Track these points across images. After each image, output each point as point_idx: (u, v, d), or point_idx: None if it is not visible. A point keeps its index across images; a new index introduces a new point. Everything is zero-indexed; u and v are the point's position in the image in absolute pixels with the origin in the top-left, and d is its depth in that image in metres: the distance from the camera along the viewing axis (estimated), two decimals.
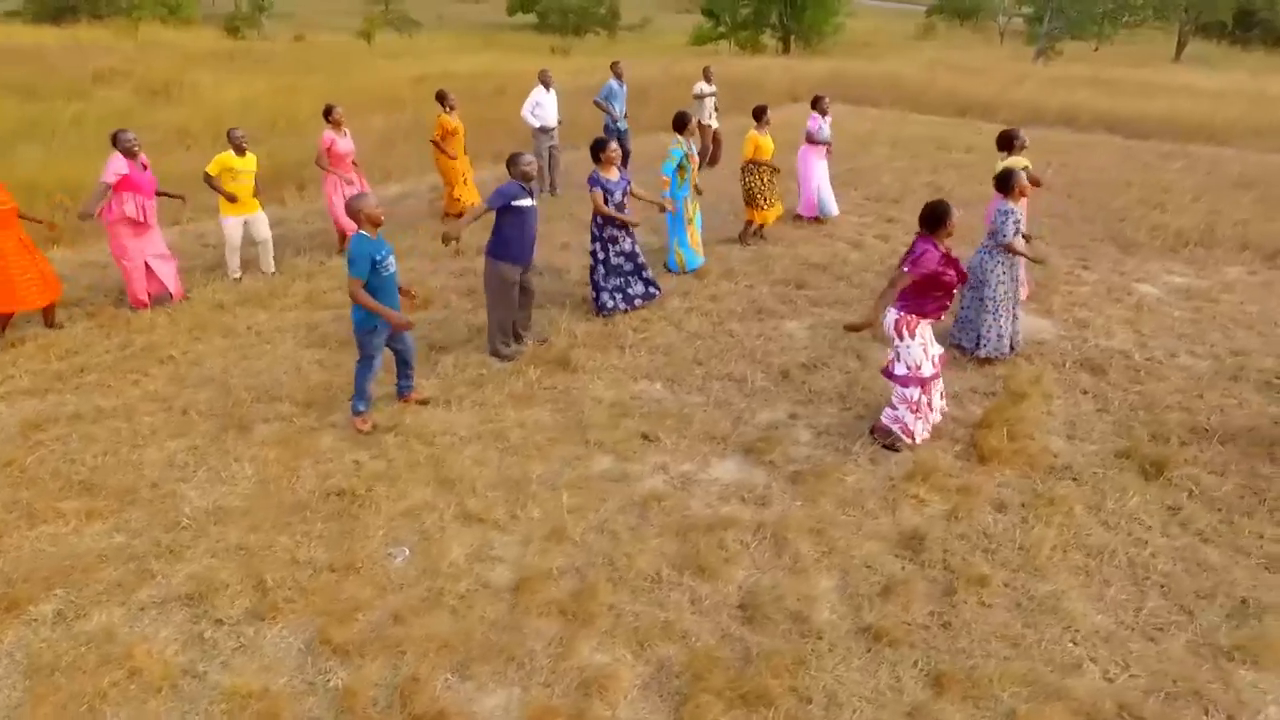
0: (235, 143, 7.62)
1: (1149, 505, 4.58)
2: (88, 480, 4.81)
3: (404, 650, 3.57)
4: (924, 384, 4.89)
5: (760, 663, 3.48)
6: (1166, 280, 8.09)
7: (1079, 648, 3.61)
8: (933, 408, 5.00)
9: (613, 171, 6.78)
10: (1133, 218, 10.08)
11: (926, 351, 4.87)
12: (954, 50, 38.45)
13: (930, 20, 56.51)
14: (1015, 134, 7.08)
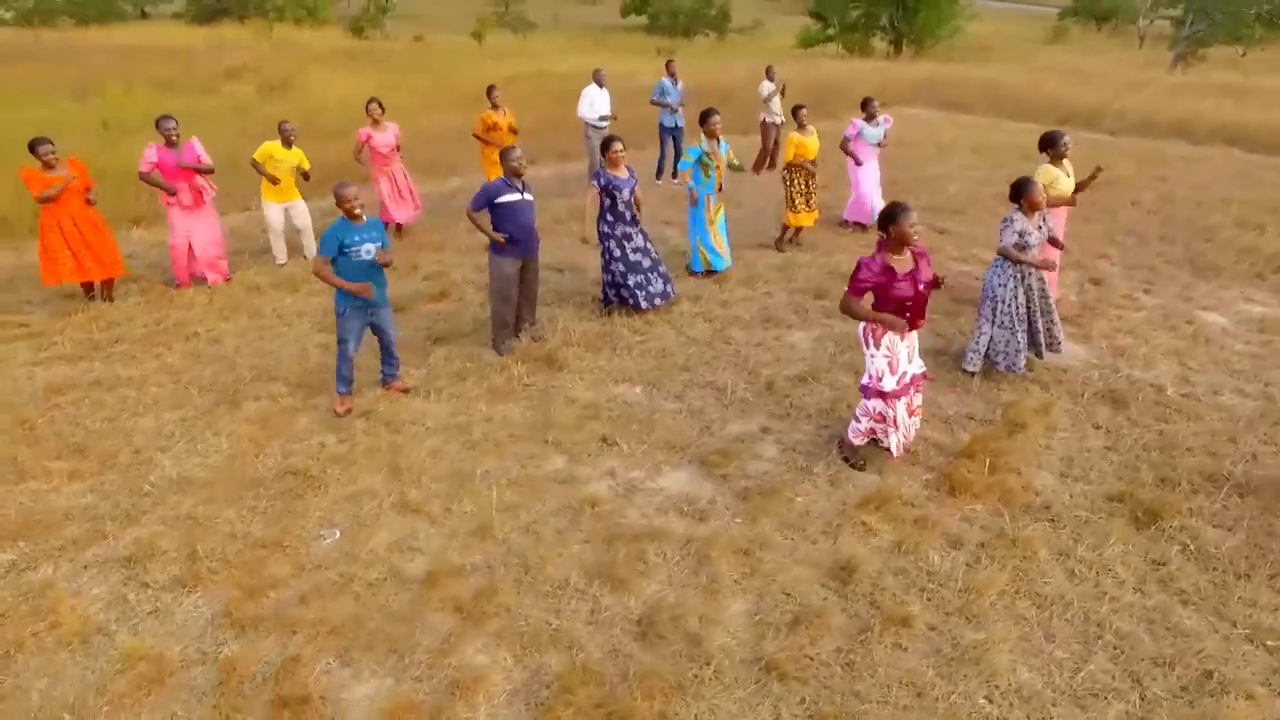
0: (284, 135, 8.04)
1: (1129, 556, 4.12)
2: (81, 443, 5.17)
3: (296, 631, 3.65)
4: (884, 398, 4.58)
5: (635, 682, 3.34)
6: (1241, 309, 7.29)
7: (992, 705, 3.28)
8: (898, 425, 4.67)
9: (621, 170, 6.72)
10: (1221, 239, 9.14)
11: (893, 366, 4.56)
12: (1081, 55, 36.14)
13: (1063, 24, 53.31)
14: (1058, 136, 6.54)
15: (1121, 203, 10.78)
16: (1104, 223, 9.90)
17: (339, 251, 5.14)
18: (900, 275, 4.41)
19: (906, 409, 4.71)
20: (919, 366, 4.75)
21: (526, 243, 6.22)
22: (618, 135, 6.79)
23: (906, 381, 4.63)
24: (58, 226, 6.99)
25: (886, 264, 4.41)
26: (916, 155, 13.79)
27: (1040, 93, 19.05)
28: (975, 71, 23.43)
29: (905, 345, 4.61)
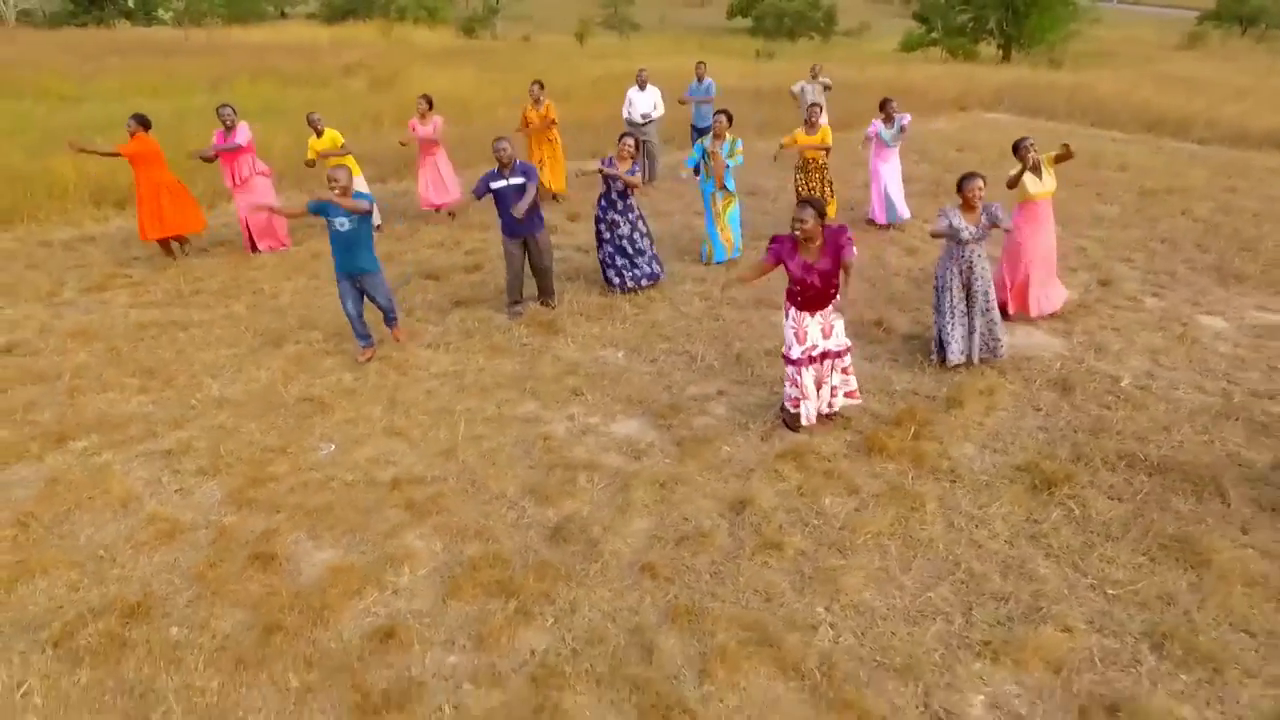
0: (312, 125, 9.12)
1: (1012, 515, 4.48)
2: (152, 367, 6.30)
3: (280, 511, 4.53)
4: (792, 364, 5.07)
5: (532, 570, 4.03)
6: (1250, 316, 7.23)
7: (827, 614, 3.79)
8: (807, 394, 5.14)
9: (625, 165, 7.37)
10: (1262, 250, 8.92)
11: (799, 337, 5.05)
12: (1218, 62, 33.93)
13: (1201, 28, 50.05)
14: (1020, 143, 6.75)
15: (1172, 211, 10.58)
16: (1142, 229, 9.81)
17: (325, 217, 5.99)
18: (801, 261, 4.90)
19: (815, 381, 5.17)
20: (837, 345, 5.19)
21: (516, 223, 6.91)
22: (629, 132, 7.45)
23: (815, 355, 5.10)
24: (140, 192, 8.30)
25: (795, 247, 4.91)
26: (972, 159, 13.78)
27: (1129, 100, 18.39)
28: (1065, 77, 22.72)
29: (816, 322, 5.08)
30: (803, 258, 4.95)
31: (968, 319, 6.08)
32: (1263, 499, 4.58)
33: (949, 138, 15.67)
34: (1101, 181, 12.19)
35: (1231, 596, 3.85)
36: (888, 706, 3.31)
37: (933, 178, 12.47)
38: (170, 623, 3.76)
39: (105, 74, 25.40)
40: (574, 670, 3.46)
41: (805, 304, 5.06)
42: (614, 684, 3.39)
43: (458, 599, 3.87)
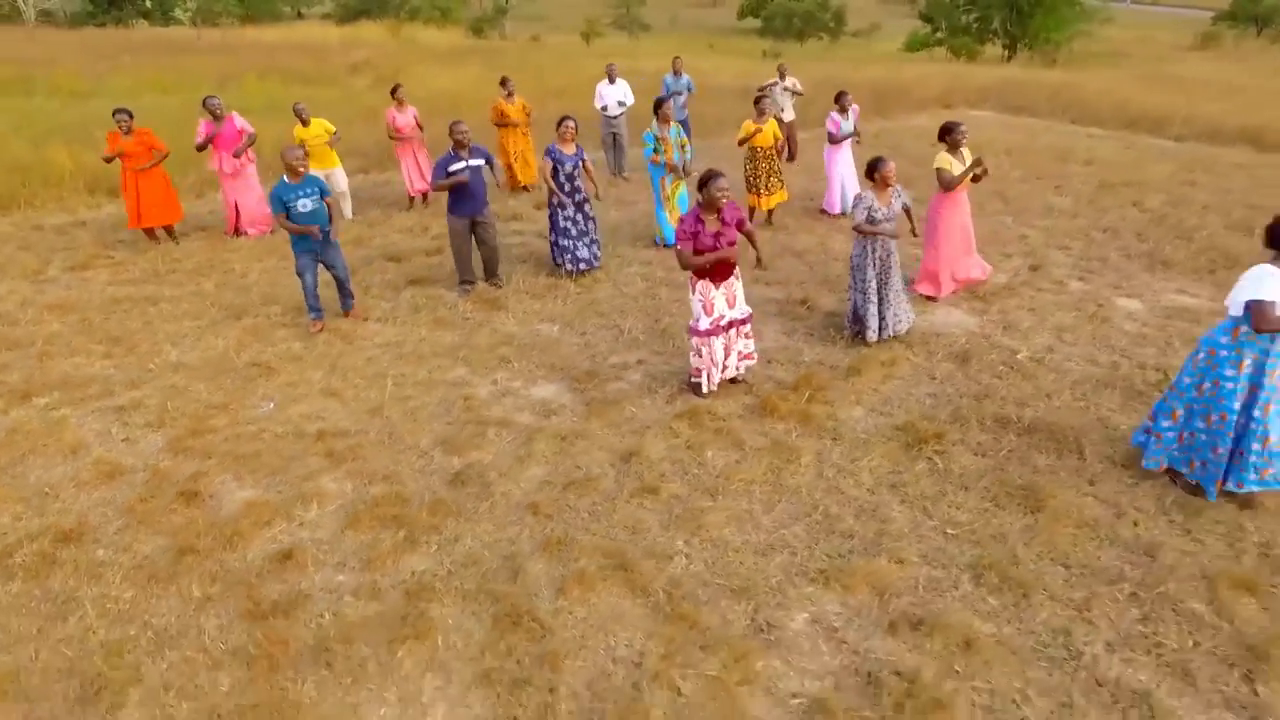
0: (298, 115, 9.60)
1: (879, 468, 4.85)
2: (119, 336, 6.79)
3: (211, 457, 4.98)
4: (701, 335, 5.46)
5: (427, 507, 4.46)
6: (1165, 299, 7.53)
7: (685, 545, 4.18)
8: (715, 362, 5.53)
9: (569, 147, 7.79)
10: (1199, 239, 9.20)
11: (707, 309, 5.44)
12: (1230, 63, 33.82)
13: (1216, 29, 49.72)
14: (954, 126, 7.12)
15: (1124, 203, 10.85)
16: (1089, 219, 10.09)
17: (285, 207, 6.45)
18: (708, 232, 5.29)
19: (724, 349, 5.57)
20: (741, 312, 5.59)
21: (472, 203, 7.37)
22: (570, 115, 7.86)
23: (723, 324, 5.49)
24: (125, 184, 8.81)
25: (699, 220, 5.30)
26: None
27: (1111, 98, 18.59)
28: (1053, 76, 22.92)
29: (721, 293, 5.47)
30: (710, 229, 5.34)
31: (879, 296, 6.43)
32: (1117, 456, 4.92)
33: (927, 134, 15.92)
34: (1064, 175, 12.45)
35: (1059, 536, 4.21)
36: (719, 620, 3.70)
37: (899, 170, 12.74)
38: (98, 546, 4.22)
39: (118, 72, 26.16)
40: (445, 587, 3.88)
41: (715, 275, 5.44)
42: (477, 598, 3.81)
43: (355, 530, 4.31)
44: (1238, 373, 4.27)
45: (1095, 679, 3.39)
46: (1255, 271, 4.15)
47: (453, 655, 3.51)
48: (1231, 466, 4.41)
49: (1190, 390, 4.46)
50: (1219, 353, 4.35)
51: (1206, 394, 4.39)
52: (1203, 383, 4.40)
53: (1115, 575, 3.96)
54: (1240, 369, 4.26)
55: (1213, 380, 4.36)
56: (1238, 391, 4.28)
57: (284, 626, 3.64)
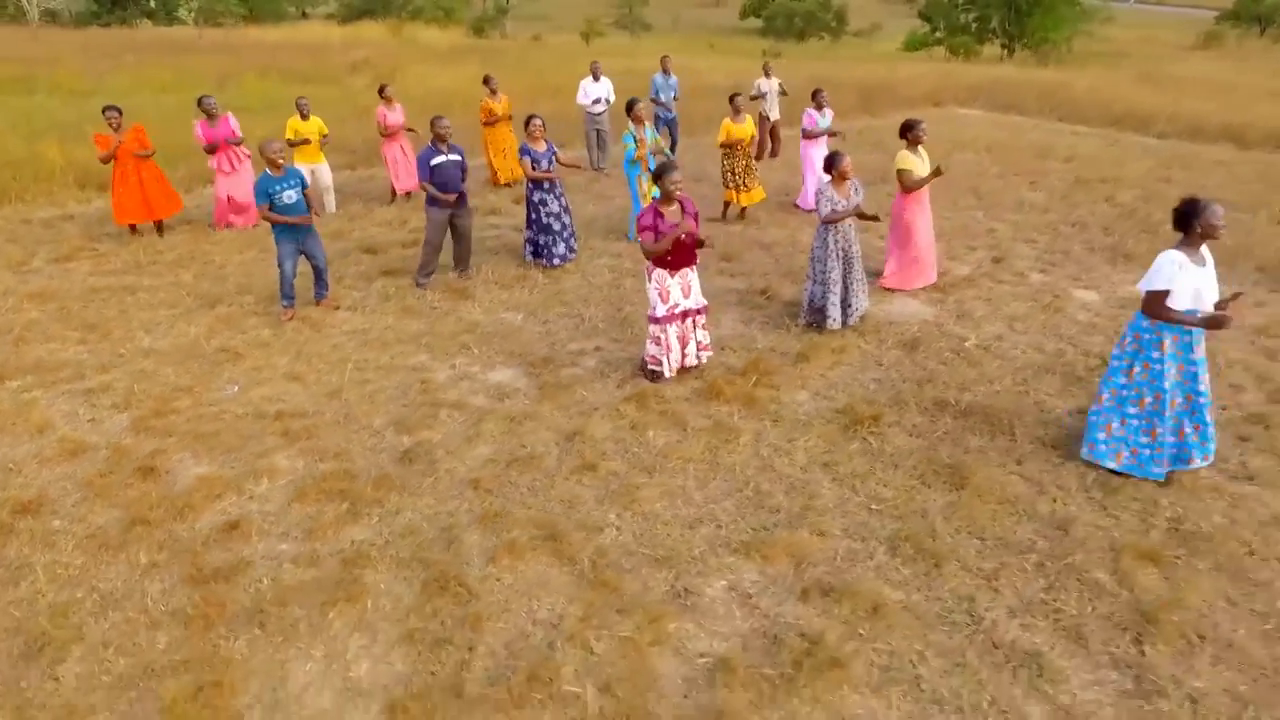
0: (300, 109, 9.82)
1: (814, 448, 5.00)
2: (96, 323, 6.99)
3: (172, 436, 5.17)
4: (657, 322, 5.62)
5: (371, 482, 4.63)
6: (1123, 290, 7.66)
7: (616, 519, 4.34)
8: (670, 348, 5.69)
9: (540, 144, 7.97)
10: (1162, 232, 9.32)
11: (663, 297, 5.60)
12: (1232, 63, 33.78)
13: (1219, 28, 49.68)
14: (915, 123, 7.26)
15: (1097, 198, 10.97)
16: (1059, 214, 10.22)
17: (269, 198, 6.64)
18: (667, 224, 5.45)
19: (680, 338, 5.73)
20: (696, 303, 5.75)
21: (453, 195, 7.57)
22: (536, 114, 8.04)
23: (677, 312, 5.65)
24: (123, 179, 9.00)
25: (658, 213, 5.46)
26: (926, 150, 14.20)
27: (1098, 96, 18.69)
28: (1044, 75, 23.01)
29: (676, 282, 5.63)
30: (670, 220, 5.50)
31: (842, 286, 6.58)
32: (1047, 437, 5.06)
33: None
34: (1042, 171, 12.57)
35: (978, 511, 4.36)
36: (639, 586, 3.86)
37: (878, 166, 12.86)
38: (55, 518, 4.40)
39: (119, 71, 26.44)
40: (380, 555, 4.05)
41: (672, 263, 5.60)
42: (410, 565, 3.98)
43: (301, 503, 4.48)
44: (1162, 354, 4.42)
45: (992, 641, 3.54)
46: (1159, 258, 4.30)
47: (380, 617, 3.68)
48: (1189, 444, 4.54)
49: (1119, 376, 4.60)
50: (1143, 336, 4.50)
51: (1137, 378, 4.53)
52: (1132, 367, 4.54)
53: (1026, 547, 4.11)
54: (1163, 349, 4.41)
55: (1142, 363, 4.50)
56: (1166, 372, 4.43)
57: (223, 590, 3.81)
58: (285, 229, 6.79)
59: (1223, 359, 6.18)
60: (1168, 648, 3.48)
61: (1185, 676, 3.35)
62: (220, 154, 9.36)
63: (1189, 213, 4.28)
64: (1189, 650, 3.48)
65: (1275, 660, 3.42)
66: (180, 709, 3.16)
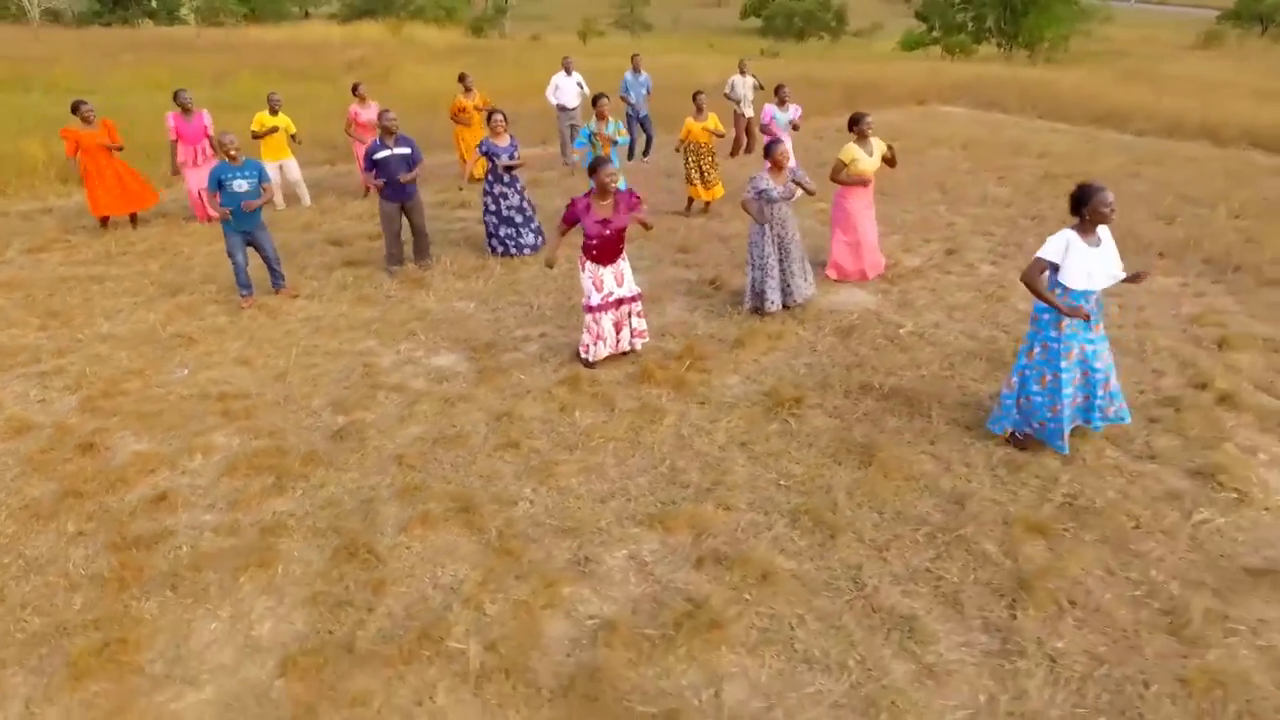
0: (270, 104, 10.01)
1: (735, 428, 5.15)
2: (59, 310, 7.18)
3: (115, 415, 5.35)
4: (591, 311, 5.79)
5: (300, 458, 4.80)
6: None
7: (531, 493, 4.50)
8: (603, 336, 5.86)
9: (503, 139, 8.15)
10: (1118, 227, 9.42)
11: (597, 285, 5.77)
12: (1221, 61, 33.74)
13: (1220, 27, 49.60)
14: (861, 117, 7.41)
15: (1061, 193, 11.08)
16: (1020, 208, 10.35)
17: (220, 185, 6.82)
18: (596, 217, 5.61)
19: (615, 325, 5.89)
20: (630, 291, 5.91)
21: (401, 187, 7.73)
22: (499, 109, 8.22)
23: (611, 300, 5.82)
24: (98, 172, 9.20)
25: (589, 205, 5.62)
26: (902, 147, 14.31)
27: (1080, 94, 18.79)
28: (1029, 73, 23.11)
29: (609, 271, 5.80)
30: (598, 214, 5.66)
31: (779, 271, 6.73)
32: (964, 419, 5.21)
33: (892, 128, 16.18)
34: (1012, 166, 12.68)
35: (882, 487, 4.51)
36: (543, 555, 4.02)
37: None
38: None
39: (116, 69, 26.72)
40: (298, 525, 4.22)
41: (599, 257, 5.77)
42: (325, 534, 4.15)
43: (231, 477, 4.66)
44: (1060, 333, 4.56)
45: (872, 606, 3.69)
46: (1054, 235, 4.46)
47: (289, 581, 3.84)
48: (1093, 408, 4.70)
49: (1023, 357, 4.75)
50: (1041, 318, 4.64)
51: (1037, 358, 4.68)
52: (1033, 348, 4.69)
53: (921, 521, 4.25)
54: (1061, 329, 4.55)
55: (1041, 344, 4.65)
56: (1063, 351, 4.57)
57: (143, 557, 3.98)
58: (234, 226, 6.95)
59: (1151, 345, 6.32)
60: (1038, 613, 3.62)
61: (1049, 638, 3.49)
62: (188, 147, 9.55)
63: (1079, 198, 4.43)
64: (1058, 615, 3.62)
65: (1137, 623, 3.56)
66: (85, 663, 3.34)
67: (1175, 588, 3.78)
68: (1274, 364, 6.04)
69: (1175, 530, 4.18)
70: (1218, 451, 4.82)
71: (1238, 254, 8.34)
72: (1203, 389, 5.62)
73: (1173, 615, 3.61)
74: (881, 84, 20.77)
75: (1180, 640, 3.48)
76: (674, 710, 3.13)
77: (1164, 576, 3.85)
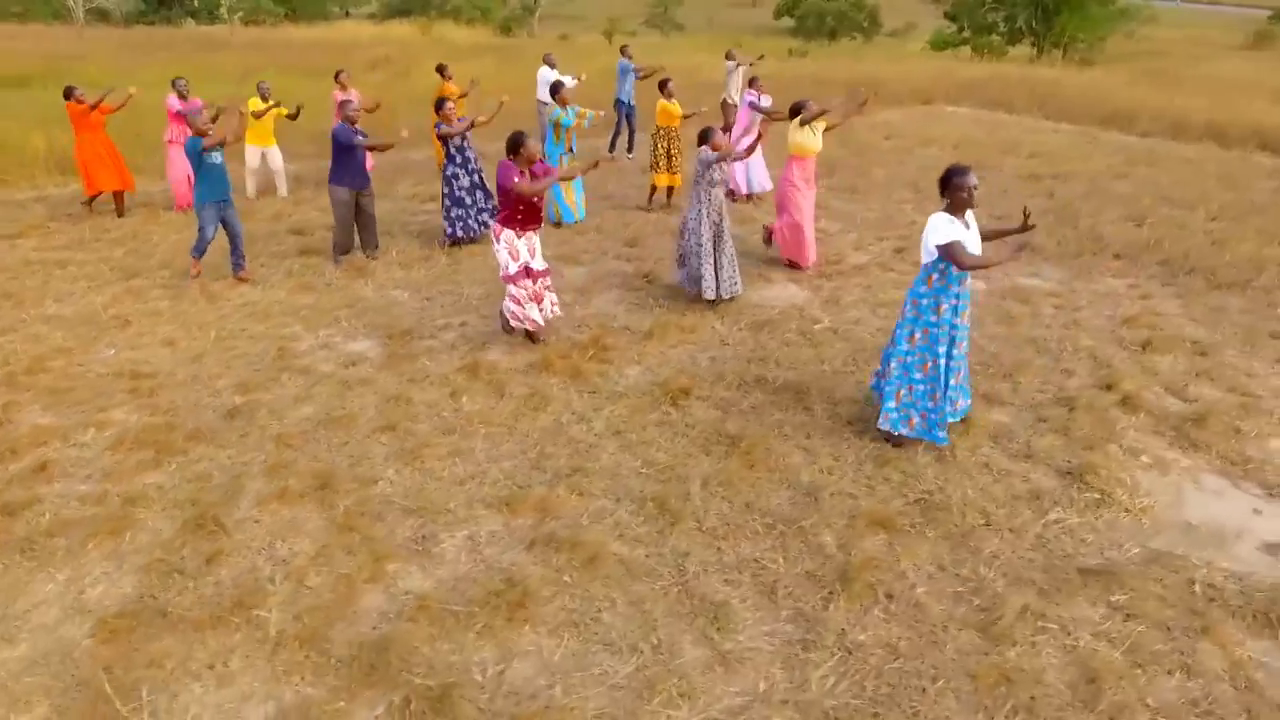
0: (261, 93, 10.31)
1: (614, 417, 5.19)
2: (15, 292, 7.49)
3: (29, 390, 5.58)
4: (512, 279, 5.89)
5: (186, 434, 4.97)
6: (1011, 281, 7.66)
7: (395, 474, 4.59)
8: (521, 302, 5.95)
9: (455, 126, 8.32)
10: (1083, 227, 9.25)
11: (513, 255, 5.88)
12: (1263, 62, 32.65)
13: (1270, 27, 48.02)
14: (802, 105, 7.41)
15: (1038, 193, 10.89)
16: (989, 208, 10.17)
17: (199, 156, 7.06)
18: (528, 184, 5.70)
19: (532, 295, 5.99)
20: (540, 264, 6.01)
21: (357, 176, 7.94)
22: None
23: (528, 270, 5.92)
24: (94, 149, 9.61)
25: (521, 173, 5.72)
26: (892, 145, 14.20)
27: (1088, 94, 18.36)
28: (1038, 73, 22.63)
29: (524, 243, 5.90)
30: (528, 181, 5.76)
31: (714, 258, 6.74)
32: (848, 414, 5.18)
33: (887, 127, 16.01)
34: (998, 166, 12.46)
35: (740, 478, 4.51)
36: (385, 533, 4.11)
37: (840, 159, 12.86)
38: None
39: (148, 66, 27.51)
40: (161, 497, 4.38)
41: (524, 222, 5.88)
42: (183, 506, 4.30)
43: (115, 451, 4.84)
44: (938, 317, 4.53)
45: (687, 593, 3.71)
46: (931, 220, 4.42)
47: (133, 549, 3.99)
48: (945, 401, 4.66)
49: (903, 343, 4.71)
50: (921, 301, 4.61)
51: (919, 344, 4.64)
52: (914, 334, 4.65)
53: (768, 512, 4.25)
54: (939, 313, 4.52)
55: (922, 329, 4.61)
56: (941, 336, 4.54)
57: (5, 522, 4.17)
58: (209, 197, 7.21)
59: (1071, 346, 6.21)
60: (851, 605, 3.61)
61: (852, 630, 3.48)
62: (178, 128, 9.87)
63: (945, 179, 4.41)
64: (870, 607, 3.60)
65: (948, 619, 3.53)
66: None
67: (1001, 585, 3.73)
68: (1194, 367, 5.90)
69: (1024, 529, 4.12)
70: (1096, 452, 4.74)
71: (1197, 257, 8.13)
72: (1107, 389, 5.51)
73: (988, 612, 3.57)
74: (887, 82, 20.49)
75: (986, 637, 3.44)
76: (451, 684, 3.19)
77: (994, 574, 3.80)
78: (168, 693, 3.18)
